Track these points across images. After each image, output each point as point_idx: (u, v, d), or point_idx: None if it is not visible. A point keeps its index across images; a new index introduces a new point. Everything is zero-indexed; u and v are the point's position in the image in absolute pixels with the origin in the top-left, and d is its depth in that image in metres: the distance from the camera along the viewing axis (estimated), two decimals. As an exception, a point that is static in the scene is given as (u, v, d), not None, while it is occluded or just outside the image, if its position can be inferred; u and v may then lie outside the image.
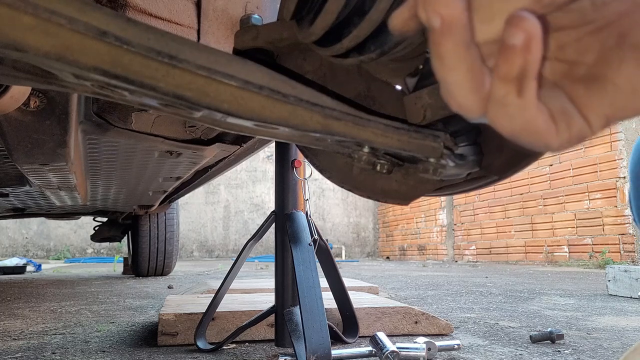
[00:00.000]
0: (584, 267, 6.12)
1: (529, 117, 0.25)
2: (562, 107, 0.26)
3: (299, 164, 1.41)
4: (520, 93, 0.24)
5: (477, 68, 0.25)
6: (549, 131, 0.26)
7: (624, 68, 0.23)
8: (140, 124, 1.43)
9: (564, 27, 0.25)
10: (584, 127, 0.25)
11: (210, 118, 0.36)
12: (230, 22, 1.02)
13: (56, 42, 0.29)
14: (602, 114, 0.25)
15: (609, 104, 0.24)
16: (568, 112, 0.25)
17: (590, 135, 0.26)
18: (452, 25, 0.23)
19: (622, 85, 0.24)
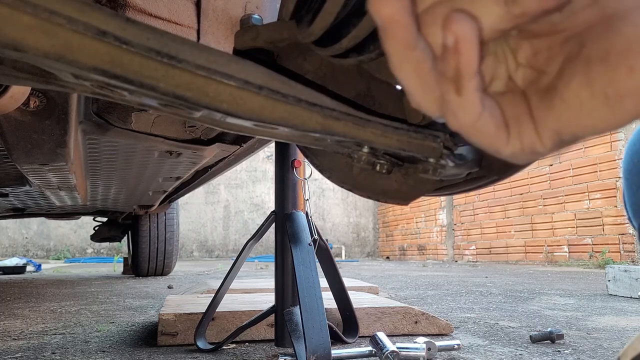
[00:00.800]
0: (584, 267, 6.12)
1: (472, 117, 0.25)
2: (517, 114, 0.25)
3: (299, 164, 1.41)
4: (459, 92, 0.24)
5: (425, 68, 0.24)
6: (499, 136, 0.25)
7: (573, 83, 0.23)
8: (140, 124, 1.43)
9: (538, 35, 0.25)
10: (536, 140, 0.25)
11: (210, 118, 0.36)
12: (230, 22, 1.02)
13: (56, 42, 0.29)
14: (550, 128, 0.24)
15: (555, 119, 0.24)
16: (522, 121, 0.25)
17: (543, 152, 0.25)
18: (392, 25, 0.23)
19: (569, 100, 0.23)
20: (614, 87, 0.22)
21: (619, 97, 0.22)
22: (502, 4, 0.22)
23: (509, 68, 0.26)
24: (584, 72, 0.22)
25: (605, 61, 0.22)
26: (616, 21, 0.22)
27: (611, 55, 0.22)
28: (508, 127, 0.25)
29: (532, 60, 0.25)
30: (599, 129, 0.23)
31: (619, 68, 0.21)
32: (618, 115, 0.22)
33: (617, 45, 0.22)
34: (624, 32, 0.22)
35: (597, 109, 0.22)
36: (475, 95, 0.24)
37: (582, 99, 0.23)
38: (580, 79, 0.23)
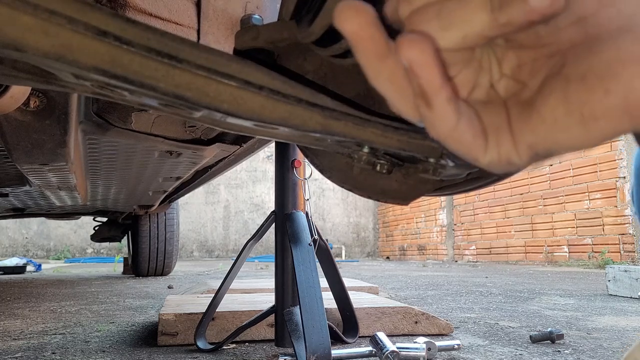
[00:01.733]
0: (583, 267, 6.12)
1: (447, 127, 0.25)
2: (496, 124, 0.25)
3: (299, 164, 1.41)
4: (428, 105, 0.25)
5: (399, 78, 0.25)
6: (476, 145, 0.25)
7: (551, 99, 0.23)
8: (140, 124, 1.43)
9: (524, 46, 0.25)
10: (512, 151, 0.25)
11: (210, 118, 0.36)
12: (230, 22, 1.02)
13: (56, 42, 0.29)
14: (526, 141, 0.24)
15: (531, 133, 0.24)
16: (500, 131, 0.25)
17: (519, 164, 0.25)
18: (358, 39, 0.24)
19: (545, 116, 0.23)
20: (589, 107, 0.22)
21: (594, 117, 0.22)
22: (489, 12, 0.23)
23: (492, 77, 0.26)
24: (562, 89, 0.23)
25: (583, 81, 0.22)
26: (597, 42, 0.22)
27: (589, 76, 0.22)
28: (486, 136, 0.25)
29: (516, 72, 0.25)
30: (573, 146, 0.23)
31: (596, 89, 0.22)
32: (591, 135, 0.22)
33: (595, 67, 0.22)
34: (603, 54, 0.22)
35: (572, 128, 0.23)
36: (446, 107, 0.24)
37: (557, 116, 0.23)
38: (558, 96, 0.23)
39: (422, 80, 0.24)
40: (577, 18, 0.22)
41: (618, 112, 0.21)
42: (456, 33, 0.23)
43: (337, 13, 0.24)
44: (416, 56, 0.23)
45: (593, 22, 0.22)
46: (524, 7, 0.22)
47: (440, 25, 0.23)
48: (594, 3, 0.22)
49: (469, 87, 0.26)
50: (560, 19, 0.23)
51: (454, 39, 0.24)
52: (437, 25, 0.23)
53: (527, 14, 0.22)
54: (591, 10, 0.22)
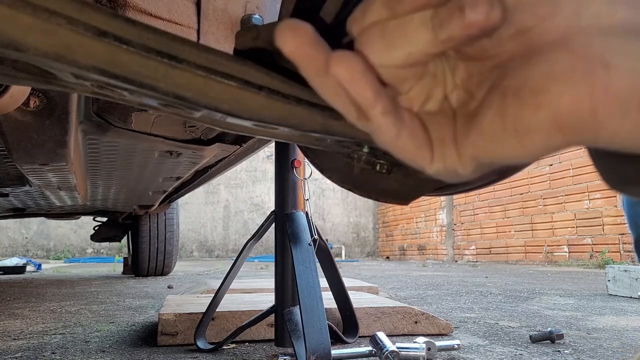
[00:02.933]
0: (583, 267, 6.12)
1: (388, 138, 0.25)
2: (442, 136, 0.26)
3: (299, 164, 1.41)
4: (366, 118, 0.25)
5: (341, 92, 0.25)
6: (421, 156, 0.26)
7: (489, 113, 0.23)
8: (140, 124, 1.43)
9: (472, 58, 0.25)
10: (457, 163, 0.25)
11: (210, 118, 0.36)
12: (230, 22, 1.02)
13: (55, 42, 0.29)
14: (468, 153, 0.25)
15: (472, 145, 0.24)
16: (446, 143, 0.26)
17: (465, 175, 0.26)
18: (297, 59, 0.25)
19: (484, 129, 0.23)
20: (522, 122, 0.22)
21: (527, 132, 0.22)
22: (430, 30, 0.23)
23: (447, 88, 0.26)
24: (500, 103, 0.23)
25: (517, 95, 0.22)
26: (534, 56, 0.22)
27: (523, 90, 0.22)
28: (432, 147, 0.26)
29: (466, 83, 0.26)
30: (512, 159, 0.23)
31: (528, 104, 0.22)
32: (526, 149, 0.23)
33: (529, 80, 0.22)
34: (538, 67, 0.22)
35: (508, 142, 0.23)
36: (383, 120, 0.25)
37: (495, 130, 0.23)
38: (495, 110, 0.23)
39: (354, 95, 0.24)
40: (516, 31, 0.23)
41: (549, 127, 0.21)
42: (400, 51, 0.24)
43: (276, 34, 0.25)
44: (344, 73, 0.24)
45: (532, 35, 0.22)
46: (462, 22, 0.22)
47: (384, 44, 0.24)
48: (533, 17, 0.22)
49: (421, 101, 0.26)
50: (501, 32, 0.23)
51: (398, 57, 0.24)
52: (382, 45, 0.24)
53: (466, 28, 0.22)
54: (530, 23, 0.22)
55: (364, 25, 0.25)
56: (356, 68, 0.24)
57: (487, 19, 0.22)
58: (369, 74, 0.24)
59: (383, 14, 0.24)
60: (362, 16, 0.25)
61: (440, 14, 0.23)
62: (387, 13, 0.24)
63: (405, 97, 0.26)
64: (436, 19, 0.23)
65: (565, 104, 0.21)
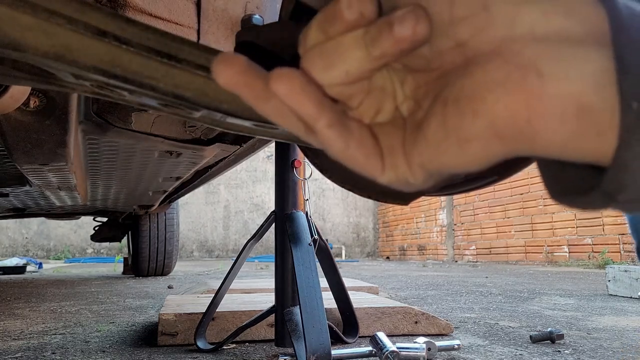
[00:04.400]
0: (583, 267, 6.12)
1: (336, 149, 0.26)
2: (392, 146, 0.26)
3: (299, 164, 1.41)
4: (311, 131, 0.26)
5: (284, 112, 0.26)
6: (372, 165, 0.26)
7: (433, 122, 0.24)
8: (140, 124, 1.43)
9: (416, 70, 0.25)
10: (407, 172, 0.26)
11: (210, 118, 0.36)
12: (230, 22, 1.02)
13: (55, 42, 0.29)
14: (416, 162, 0.25)
15: (418, 154, 0.25)
16: (396, 152, 0.26)
17: (416, 184, 0.26)
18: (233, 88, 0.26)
19: (429, 138, 0.24)
20: (462, 131, 0.22)
21: (467, 140, 0.22)
22: (363, 48, 0.23)
23: (397, 100, 0.27)
24: (441, 113, 0.23)
25: (456, 104, 0.23)
26: (472, 66, 0.23)
27: (461, 99, 0.22)
28: (383, 157, 0.26)
29: (415, 93, 0.26)
30: (458, 167, 0.24)
31: (466, 112, 0.22)
32: (469, 157, 0.23)
33: (466, 89, 0.22)
34: (474, 76, 0.22)
35: (451, 150, 0.23)
36: (328, 133, 0.25)
37: (438, 139, 0.23)
38: (438, 119, 0.23)
39: (297, 110, 0.25)
40: (455, 43, 0.23)
41: (487, 135, 0.22)
42: (337, 70, 0.25)
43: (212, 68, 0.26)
44: (285, 90, 0.24)
45: (470, 46, 0.23)
46: (392, 38, 0.23)
47: (323, 65, 0.25)
48: (469, 29, 0.22)
49: (372, 114, 0.27)
50: (441, 44, 0.23)
51: (337, 75, 0.25)
52: (321, 65, 0.25)
53: (396, 44, 0.23)
54: (467, 35, 0.22)
55: (306, 48, 0.25)
56: (295, 82, 0.24)
57: (415, 34, 0.23)
58: (310, 88, 0.25)
59: (320, 37, 0.25)
60: (304, 39, 0.26)
61: (371, 31, 0.23)
62: (323, 35, 0.25)
63: (356, 112, 0.27)
64: (367, 37, 0.23)
65: (501, 112, 0.21)
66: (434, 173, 0.25)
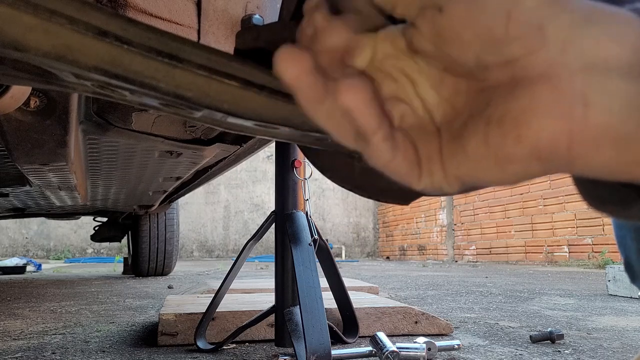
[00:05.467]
0: (583, 267, 6.12)
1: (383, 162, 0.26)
2: (429, 154, 0.26)
3: (299, 164, 1.41)
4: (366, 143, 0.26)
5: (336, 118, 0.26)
6: (412, 175, 0.26)
7: (474, 138, 0.24)
8: (140, 124, 1.43)
9: (460, 75, 0.25)
10: (443, 181, 0.26)
11: (211, 118, 0.36)
12: (231, 22, 1.02)
13: (56, 42, 0.29)
14: (453, 174, 0.25)
15: (456, 167, 0.25)
16: (433, 162, 0.26)
17: (451, 192, 0.26)
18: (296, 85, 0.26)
19: (469, 153, 0.24)
20: (504, 151, 0.23)
21: (508, 161, 0.23)
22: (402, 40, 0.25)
23: (430, 102, 0.27)
24: (484, 131, 0.24)
25: (500, 125, 0.23)
26: (519, 87, 0.23)
27: (505, 120, 0.23)
28: (420, 165, 0.26)
29: (452, 99, 0.26)
30: (494, 183, 0.24)
31: (509, 134, 0.22)
32: (507, 176, 0.24)
33: (512, 112, 0.23)
34: (521, 99, 0.22)
35: (490, 168, 0.24)
36: (382, 145, 0.25)
37: (478, 156, 0.24)
38: (479, 136, 0.24)
39: (359, 123, 0.25)
40: (505, 61, 0.23)
41: (528, 158, 0.22)
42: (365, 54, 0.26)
43: (276, 60, 0.26)
44: (353, 102, 0.25)
45: (519, 66, 0.23)
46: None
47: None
48: (521, 49, 0.22)
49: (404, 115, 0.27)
50: (490, 59, 0.23)
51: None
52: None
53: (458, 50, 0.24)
54: (518, 55, 0.22)
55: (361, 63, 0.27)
56: (365, 95, 0.25)
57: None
58: (375, 101, 0.25)
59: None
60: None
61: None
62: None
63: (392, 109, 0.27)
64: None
65: (545, 138, 0.22)
66: (468, 185, 0.26)
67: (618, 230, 0.65)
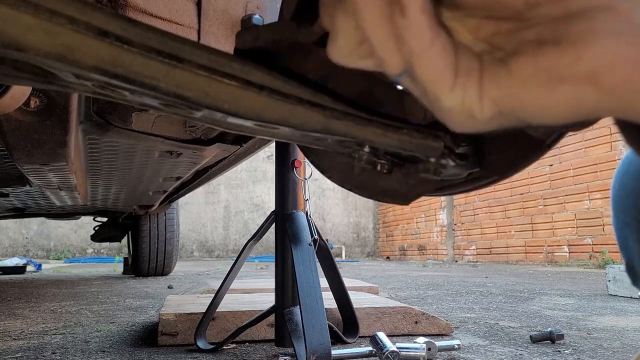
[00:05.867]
0: (584, 267, 6.12)
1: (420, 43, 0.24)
2: (469, 67, 0.25)
3: (299, 164, 1.41)
4: (403, 13, 0.24)
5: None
6: (444, 78, 0.25)
7: (522, 57, 0.23)
8: (140, 124, 1.43)
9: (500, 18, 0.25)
10: (476, 102, 0.25)
11: (211, 118, 0.36)
12: (231, 22, 1.02)
13: (57, 42, 0.29)
14: (491, 94, 0.24)
15: (497, 86, 0.24)
16: (471, 75, 0.25)
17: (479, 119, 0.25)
18: None
19: (513, 71, 0.24)
20: (558, 69, 0.22)
21: (560, 80, 0.22)
22: None
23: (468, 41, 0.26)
24: (534, 51, 0.23)
25: (557, 45, 0.22)
26: (576, 17, 0.23)
27: (563, 41, 0.22)
28: (456, 73, 0.25)
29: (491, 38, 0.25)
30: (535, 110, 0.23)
31: (568, 53, 0.22)
32: (553, 99, 0.23)
33: (570, 35, 0.22)
34: (581, 24, 0.22)
35: (537, 88, 0.23)
36: (422, 17, 0.24)
37: (525, 74, 0.23)
38: (529, 56, 0.23)
39: None
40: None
41: (584, 80, 0.22)
42: None
43: None
44: None
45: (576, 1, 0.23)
46: None
47: None
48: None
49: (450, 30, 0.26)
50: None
51: None
52: None
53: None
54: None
55: None
56: None
57: None
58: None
59: None
60: None
61: None
62: None
63: None
64: None
65: (606, 61, 0.21)
66: (506, 112, 0.24)
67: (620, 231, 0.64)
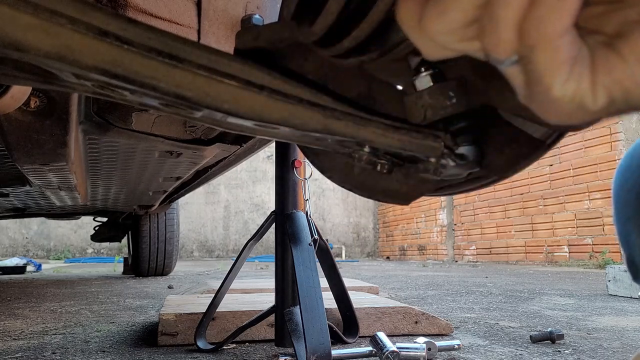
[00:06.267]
0: (584, 267, 6.11)
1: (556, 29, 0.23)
2: (584, 56, 0.25)
3: (299, 164, 1.41)
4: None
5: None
6: (562, 67, 0.24)
7: (632, 38, 0.23)
8: (140, 124, 1.43)
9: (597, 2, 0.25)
10: (588, 91, 0.24)
11: (211, 118, 0.36)
12: (231, 22, 1.02)
13: (57, 42, 0.29)
14: (604, 82, 0.24)
15: (609, 72, 0.24)
16: (585, 64, 0.25)
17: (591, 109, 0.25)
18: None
19: (624, 54, 0.23)
20: None
21: None
22: None
23: None
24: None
25: None
26: None
27: None
28: (574, 63, 0.24)
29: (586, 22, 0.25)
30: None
31: None
32: None
33: None
34: None
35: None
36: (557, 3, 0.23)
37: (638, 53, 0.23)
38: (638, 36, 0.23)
39: None
40: None
41: None
42: None
43: None
44: None
45: None
46: None
47: None
48: None
49: None
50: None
51: None
52: None
53: None
54: None
55: None
56: None
57: None
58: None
59: None
60: None
61: None
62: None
63: None
64: None
65: None
66: (619, 98, 0.24)
67: (622, 227, 0.63)
